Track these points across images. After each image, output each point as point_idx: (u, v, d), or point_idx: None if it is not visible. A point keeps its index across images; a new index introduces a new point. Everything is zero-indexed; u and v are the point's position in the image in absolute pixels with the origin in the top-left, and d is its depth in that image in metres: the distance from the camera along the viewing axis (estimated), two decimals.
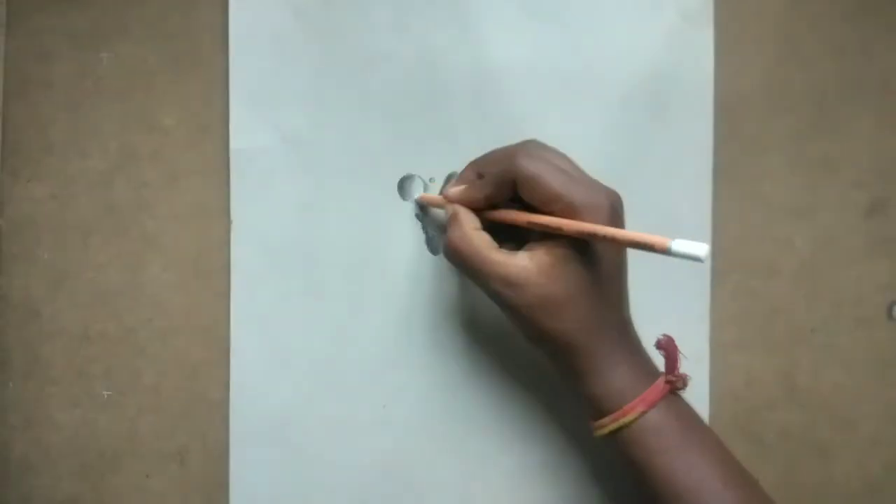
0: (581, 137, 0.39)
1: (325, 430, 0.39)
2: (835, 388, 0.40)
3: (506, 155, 0.34)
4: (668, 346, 0.34)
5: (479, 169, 0.36)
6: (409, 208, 0.39)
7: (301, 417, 0.39)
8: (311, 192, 0.39)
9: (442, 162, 0.39)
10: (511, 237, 0.35)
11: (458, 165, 0.39)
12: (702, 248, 0.27)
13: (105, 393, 0.40)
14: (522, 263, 0.32)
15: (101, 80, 0.40)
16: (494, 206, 0.35)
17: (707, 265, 0.39)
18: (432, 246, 0.39)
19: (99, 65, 0.40)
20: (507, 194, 0.34)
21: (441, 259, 0.39)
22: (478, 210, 0.35)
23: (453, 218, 0.35)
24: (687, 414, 0.33)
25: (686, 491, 0.31)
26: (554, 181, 0.32)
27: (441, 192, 0.38)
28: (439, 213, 0.39)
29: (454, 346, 0.39)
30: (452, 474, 0.39)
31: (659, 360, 0.34)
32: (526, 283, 0.32)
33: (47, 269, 0.40)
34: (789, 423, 0.40)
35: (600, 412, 0.33)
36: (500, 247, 0.34)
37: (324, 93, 0.39)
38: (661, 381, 0.33)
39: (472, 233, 0.34)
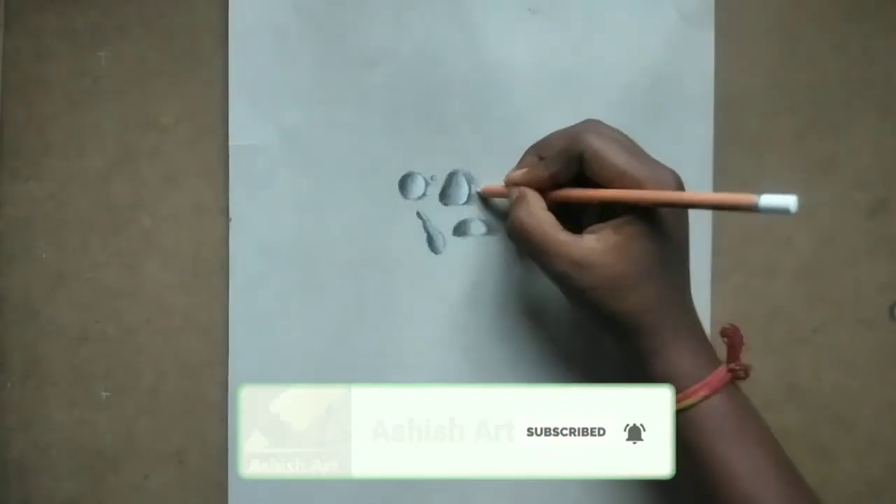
0: None
1: None
2: (836, 389, 0.40)
3: (570, 133, 0.34)
4: (732, 335, 0.34)
5: (539, 152, 0.35)
6: (410, 207, 0.39)
7: None
8: (310, 190, 0.39)
9: (443, 159, 0.39)
10: (570, 222, 0.34)
11: (460, 163, 0.39)
12: (790, 200, 0.26)
13: (104, 393, 0.39)
14: (589, 244, 0.32)
15: (99, 79, 0.40)
16: (556, 187, 0.35)
17: (707, 265, 0.39)
18: (433, 245, 0.39)
19: (97, 64, 0.40)
20: (572, 172, 0.34)
21: (442, 258, 0.39)
22: (542, 191, 0.35)
23: (520, 198, 0.35)
24: (745, 404, 0.34)
25: (740, 478, 0.32)
26: (620, 156, 0.32)
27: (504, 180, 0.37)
28: (498, 203, 0.39)
29: (454, 346, 0.39)
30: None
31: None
32: (594, 264, 0.32)
33: (46, 269, 0.39)
34: (790, 424, 0.39)
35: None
36: None
37: (324, 90, 0.39)
38: (723, 369, 0.33)
39: (539, 212, 0.34)
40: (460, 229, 0.39)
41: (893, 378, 0.40)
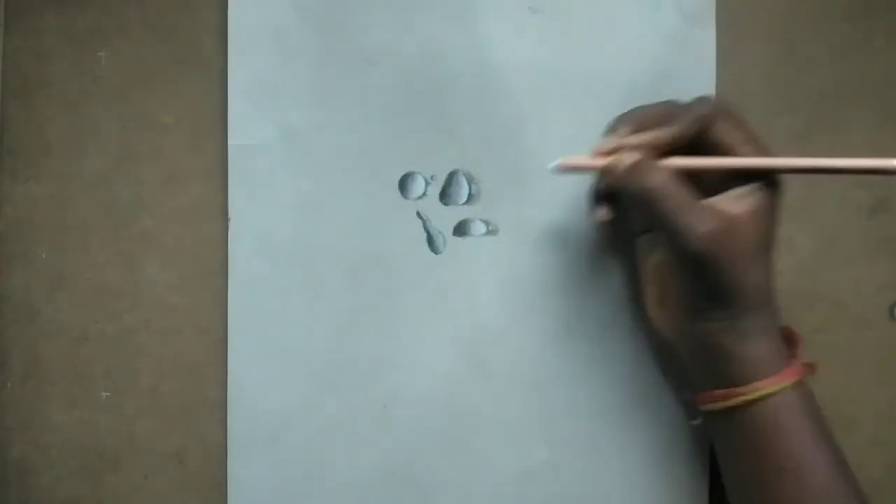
0: (582, 136, 0.38)
1: (325, 431, 0.39)
2: (836, 389, 0.40)
3: (691, 103, 0.33)
4: (794, 336, 0.34)
5: (639, 121, 0.33)
6: (410, 207, 0.39)
7: (300, 417, 0.39)
8: (310, 190, 0.39)
9: (443, 159, 0.39)
10: None
11: (460, 163, 0.39)
12: None
13: (104, 393, 0.39)
14: (734, 209, 0.31)
15: (99, 78, 0.40)
16: (662, 156, 0.32)
17: None
18: (433, 245, 0.39)
19: (97, 64, 0.40)
20: (690, 138, 0.32)
21: (442, 259, 0.39)
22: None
23: (644, 163, 0.32)
24: (813, 397, 0.33)
25: (802, 469, 0.31)
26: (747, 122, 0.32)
27: (596, 151, 0.34)
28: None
29: (454, 346, 0.39)
30: (454, 474, 0.39)
31: None
32: (741, 229, 0.31)
33: (46, 269, 0.39)
34: None
35: (749, 376, 0.32)
36: None
37: (324, 89, 0.39)
38: (798, 361, 0.33)
39: (671, 176, 0.31)
40: (460, 229, 0.39)
41: (893, 378, 0.40)
